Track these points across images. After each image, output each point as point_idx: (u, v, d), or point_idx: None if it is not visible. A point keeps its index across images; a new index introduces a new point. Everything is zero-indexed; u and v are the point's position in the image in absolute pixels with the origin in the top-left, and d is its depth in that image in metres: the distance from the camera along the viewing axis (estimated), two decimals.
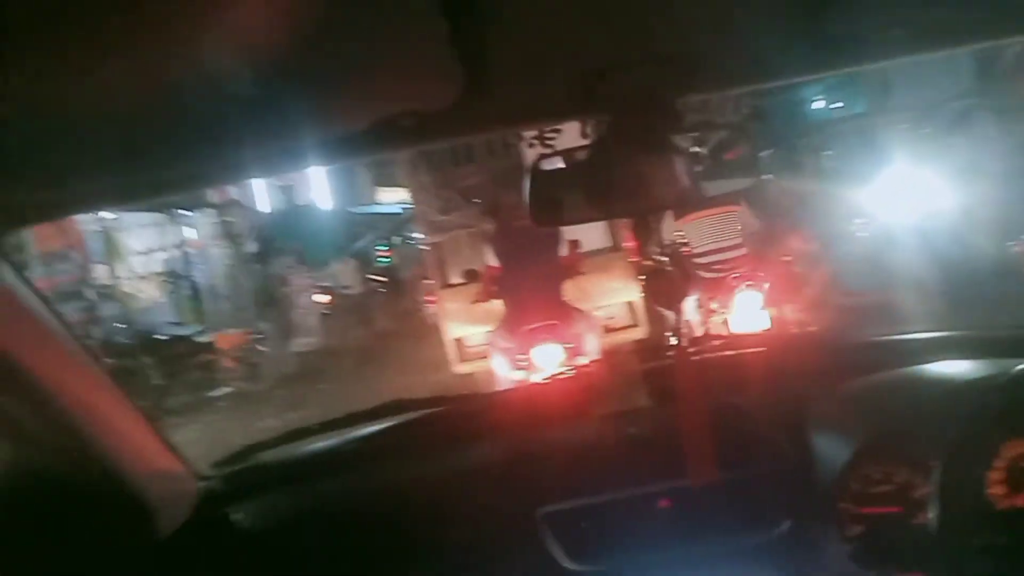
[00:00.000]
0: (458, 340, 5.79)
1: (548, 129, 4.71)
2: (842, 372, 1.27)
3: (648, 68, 0.79)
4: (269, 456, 1.49)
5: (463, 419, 1.49)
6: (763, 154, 8.90)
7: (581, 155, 0.99)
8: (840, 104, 13.52)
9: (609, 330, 5.11)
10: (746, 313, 4.17)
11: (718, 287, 4.23)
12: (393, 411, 1.52)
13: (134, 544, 1.09)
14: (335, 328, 11.07)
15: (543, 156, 1.07)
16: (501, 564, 1.14)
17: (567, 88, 0.83)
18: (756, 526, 1.12)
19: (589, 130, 1.07)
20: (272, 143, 0.83)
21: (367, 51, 0.67)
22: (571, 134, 4.71)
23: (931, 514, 0.82)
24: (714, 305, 4.20)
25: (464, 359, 5.75)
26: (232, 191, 14.20)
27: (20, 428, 0.92)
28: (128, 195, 0.94)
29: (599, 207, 0.97)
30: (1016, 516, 0.99)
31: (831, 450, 1.10)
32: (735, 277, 4.25)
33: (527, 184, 1.01)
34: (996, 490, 0.99)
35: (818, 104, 16.43)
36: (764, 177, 7.51)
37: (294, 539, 1.24)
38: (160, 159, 0.79)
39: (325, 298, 11.11)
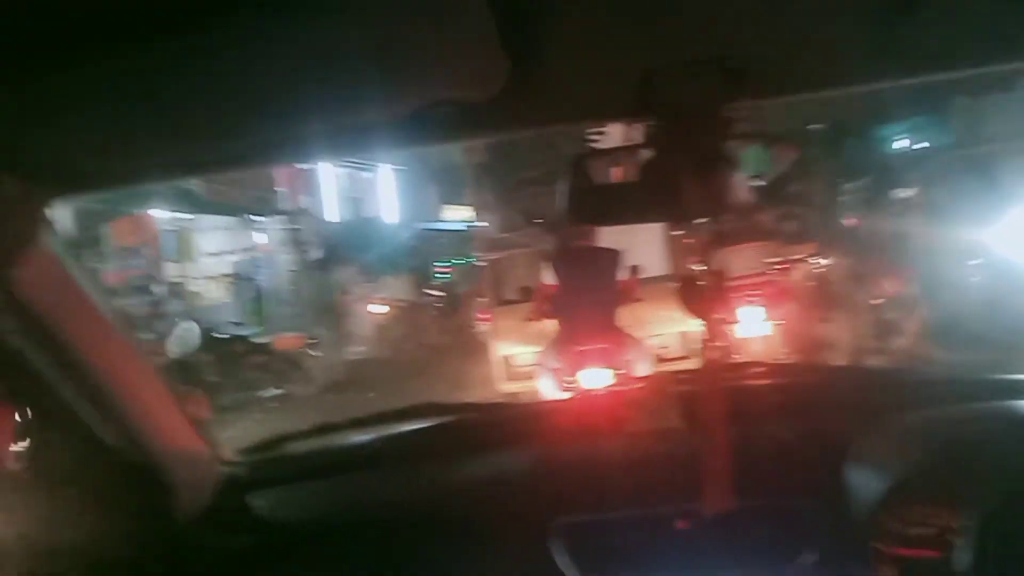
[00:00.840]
0: (507, 358, 5.71)
1: (593, 130, 4.69)
2: (885, 407, 1.22)
3: (699, 73, 0.76)
4: (295, 448, 1.49)
5: (491, 426, 1.49)
6: (837, 189, 8.78)
7: (624, 155, 0.97)
8: (925, 143, 13.17)
9: (661, 360, 4.91)
10: (749, 324, 5.30)
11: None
12: (424, 413, 1.52)
13: (151, 521, 1.09)
14: (388, 339, 11.15)
15: (586, 152, 1.02)
16: (512, 572, 1.12)
17: (615, 88, 0.80)
18: (778, 558, 1.07)
19: (635, 133, 1.00)
20: (313, 126, 0.81)
21: (409, 33, 0.65)
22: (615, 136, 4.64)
23: (970, 562, 0.77)
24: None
25: (511, 378, 5.67)
26: (303, 200, 14.63)
27: (49, 392, 0.93)
28: (174, 170, 0.94)
29: (637, 210, 0.95)
30: None
31: (868, 486, 1.05)
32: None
33: (567, 178, 0.96)
34: None
35: (901, 143, 15.99)
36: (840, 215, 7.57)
37: (311, 532, 1.24)
38: (205, 134, 0.79)
39: (382, 309, 11.18)
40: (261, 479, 1.33)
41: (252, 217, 13.75)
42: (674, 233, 6.43)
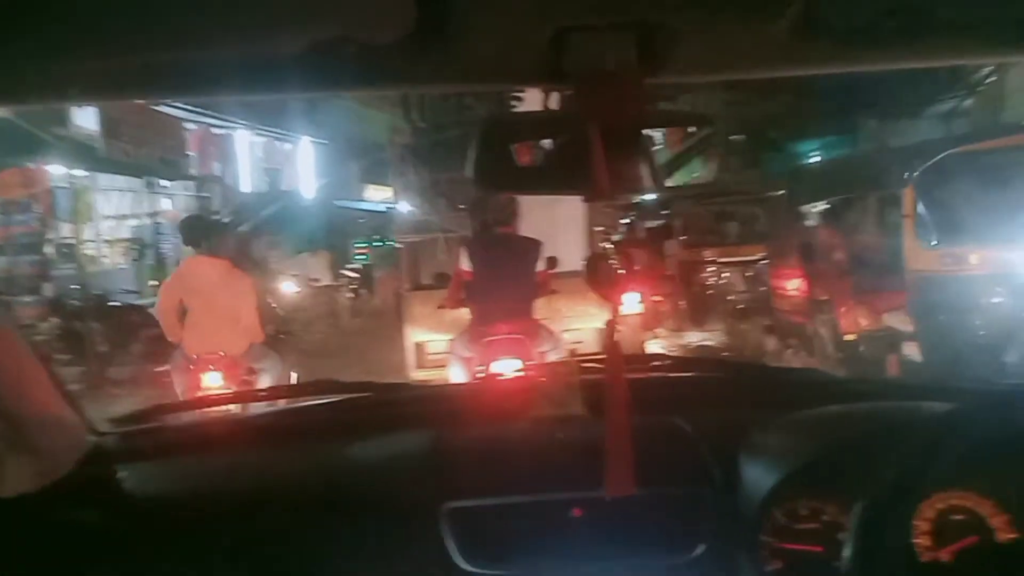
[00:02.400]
0: (419, 345, 5.58)
1: (511, 92, 4.63)
2: (779, 404, 1.27)
3: (615, 38, 0.73)
4: (172, 420, 1.44)
5: (388, 406, 1.46)
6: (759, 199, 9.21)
7: (538, 123, 0.93)
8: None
9: (575, 354, 4.88)
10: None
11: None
12: (319, 390, 1.49)
13: (12, 484, 1.05)
14: (299, 319, 10.76)
15: (498, 117, 0.95)
16: (396, 556, 1.08)
17: (528, 49, 0.76)
18: (669, 548, 1.07)
19: (552, 99, 0.96)
20: (206, 53, 0.76)
21: None
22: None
23: (852, 557, 0.77)
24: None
25: (422, 365, 5.55)
26: (214, 167, 13.96)
27: None
28: (50, 89, 0.87)
29: (546, 181, 0.94)
30: (938, 570, 0.96)
31: (759, 480, 1.07)
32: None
33: (475, 142, 0.91)
34: (922, 540, 0.98)
35: (814, 158, 16.80)
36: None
37: (185, 508, 1.18)
38: (87, 55, 0.74)
39: (293, 288, 10.75)
40: (134, 451, 1.28)
41: (158, 180, 13.02)
42: (596, 229, 6.43)
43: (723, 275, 8.71)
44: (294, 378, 5.28)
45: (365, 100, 18.15)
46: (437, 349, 5.35)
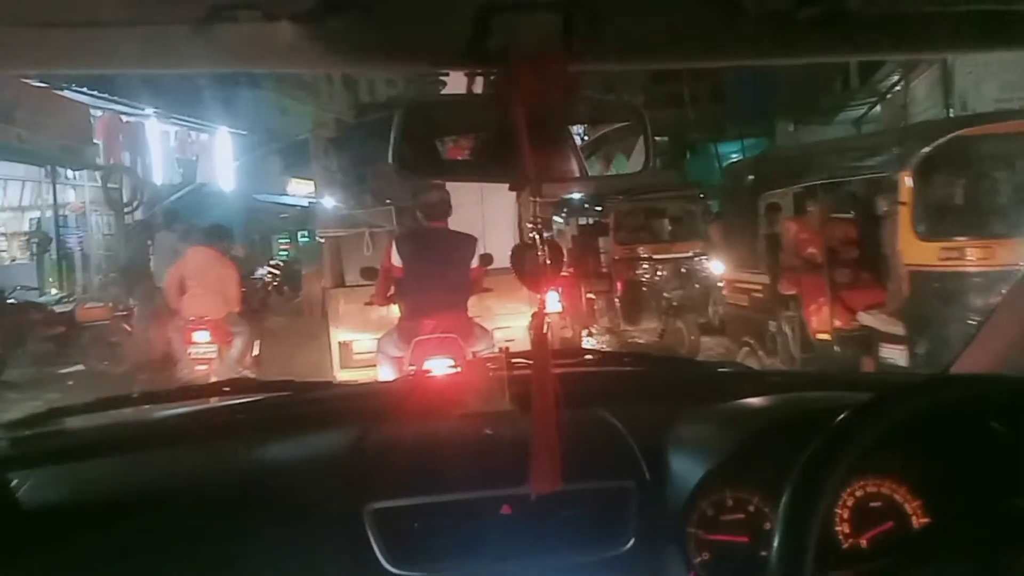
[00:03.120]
0: (344, 344, 5.39)
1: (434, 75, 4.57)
2: (705, 397, 1.29)
3: (540, 18, 0.71)
4: (75, 423, 1.39)
5: (308, 405, 1.43)
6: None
7: (461, 107, 0.91)
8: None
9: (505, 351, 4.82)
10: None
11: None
12: (235, 389, 1.47)
13: None
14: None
15: (421, 100, 1.02)
16: (318, 558, 1.04)
17: (453, 28, 0.72)
18: (598, 542, 1.07)
19: (476, 85, 0.93)
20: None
21: None
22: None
23: (777, 547, 0.77)
24: None
25: (347, 365, 5.38)
26: (124, 156, 13.19)
27: None
28: None
29: (469, 168, 0.93)
30: (858, 556, 1.00)
31: (685, 473, 1.09)
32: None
33: (396, 125, 0.88)
34: (842, 528, 1.01)
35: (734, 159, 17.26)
36: None
37: (83, 512, 1.11)
38: None
39: None
40: (30, 456, 1.22)
41: (60, 170, 12.22)
42: (528, 225, 6.35)
43: (658, 272, 8.67)
44: (258, 347, 6.55)
45: (286, 90, 17.56)
46: (364, 348, 5.19)
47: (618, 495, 1.09)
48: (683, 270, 8.61)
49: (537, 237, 0.94)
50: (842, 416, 0.83)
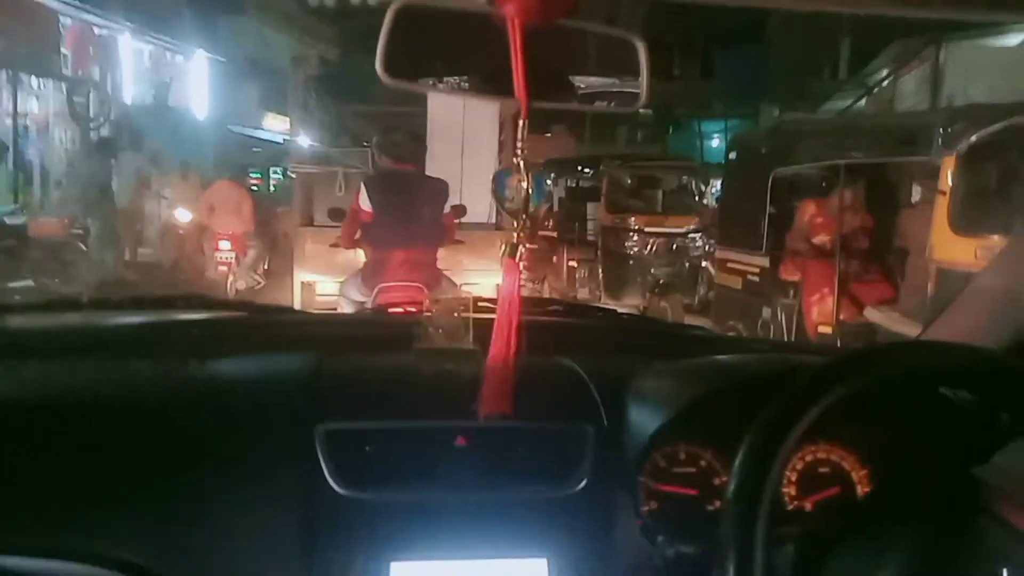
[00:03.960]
0: (307, 285, 5.28)
1: None
2: (667, 353, 1.30)
3: None
4: (20, 321, 1.38)
5: (263, 328, 1.40)
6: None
7: (456, 16, 0.90)
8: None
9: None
10: None
11: None
12: (190, 305, 1.45)
13: None
14: (177, 246, 10.01)
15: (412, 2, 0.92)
16: (267, 475, 1.03)
17: None
18: (550, 480, 1.08)
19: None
20: None
21: None
22: None
23: (726, 502, 0.79)
24: None
25: (309, 306, 5.27)
26: (93, 70, 12.65)
27: None
28: None
29: (460, 80, 0.94)
30: (801, 517, 1.03)
31: (642, 423, 1.11)
32: None
33: (386, 26, 0.86)
34: (789, 490, 1.04)
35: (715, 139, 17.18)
36: None
37: (23, 411, 1.08)
38: None
39: (178, 213, 9.93)
40: None
41: (24, 77, 11.66)
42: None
43: (648, 246, 8.14)
44: (267, 262, 8.62)
45: (270, 21, 16.96)
46: (327, 291, 5.09)
47: (575, 437, 1.09)
48: (674, 247, 8.14)
49: (522, 163, 0.91)
50: (803, 376, 0.81)
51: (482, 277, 5.02)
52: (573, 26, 0.88)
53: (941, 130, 4.16)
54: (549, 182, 10.05)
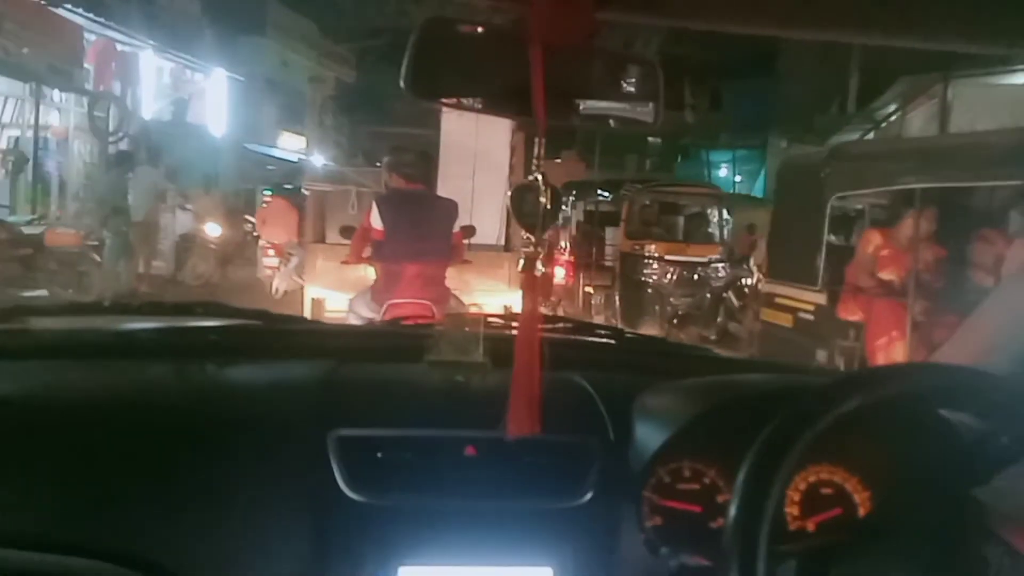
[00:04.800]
0: (317, 301, 5.34)
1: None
2: (676, 372, 1.31)
3: None
4: (42, 323, 1.38)
5: (279, 336, 1.43)
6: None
7: (481, 36, 0.91)
8: (738, 176, 14.33)
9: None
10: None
11: None
12: (207, 312, 1.47)
13: None
14: (192, 261, 10.13)
15: (437, 18, 0.96)
16: (280, 480, 1.05)
17: None
18: (557, 492, 1.09)
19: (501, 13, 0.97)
20: None
21: None
22: None
23: (730, 520, 0.80)
24: None
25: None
26: (114, 85, 12.89)
27: None
28: None
29: (480, 98, 0.95)
30: (803, 538, 1.03)
31: (647, 439, 1.11)
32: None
33: (412, 43, 0.89)
34: (791, 510, 1.04)
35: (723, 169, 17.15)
36: None
37: (43, 412, 1.10)
38: None
39: (212, 230, 10.28)
40: None
41: (46, 91, 11.89)
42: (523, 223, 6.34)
43: (668, 274, 7.69)
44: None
45: (289, 41, 17.24)
46: (337, 307, 5.14)
47: (581, 450, 1.11)
48: (696, 276, 7.68)
49: (540, 178, 0.94)
50: (807, 395, 0.83)
51: (490, 297, 5.08)
52: (592, 48, 0.90)
53: None
54: (567, 207, 9.61)
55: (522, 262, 0.98)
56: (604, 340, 1.73)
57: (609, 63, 0.99)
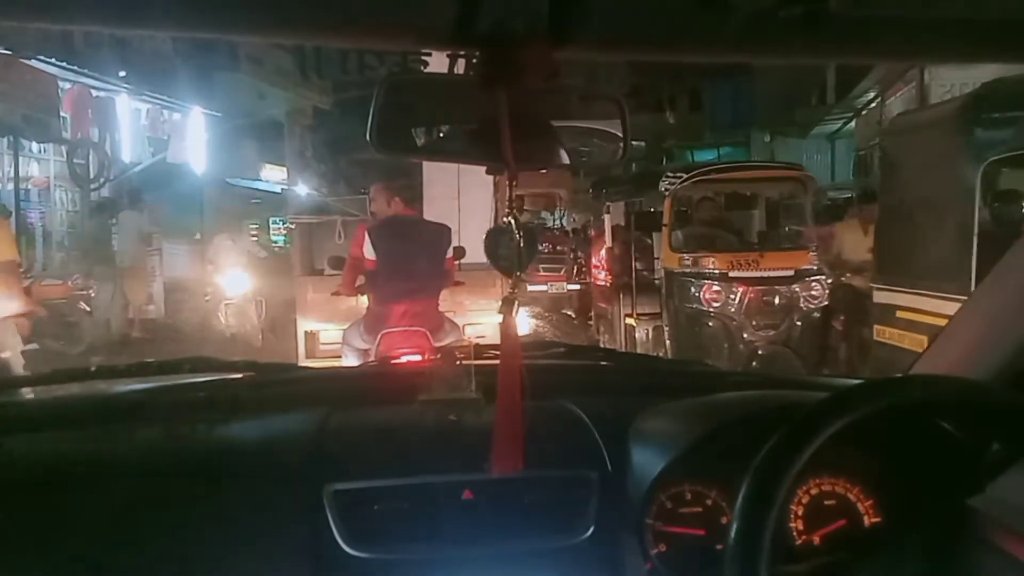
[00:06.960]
0: (311, 334, 5.29)
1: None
2: (667, 392, 1.31)
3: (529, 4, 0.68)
4: (29, 394, 1.40)
5: (270, 387, 1.42)
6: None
7: (442, 86, 0.91)
8: None
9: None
10: None
11: None
12: (196, 368, 1.46)
13: None
14: (180, 301, 10.05)
15: (398, 75, 1.02)
16: (277, 537, 1.04)
17: (439, 7, 0.69)
18: (558, 529, 1.08)
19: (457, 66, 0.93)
20: None
21: None
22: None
23: (733, 540, 0.79)
24: None
25: (313, 355, 5.31)
26: (92, 132, 12.83)
27: None
28: None
29: (448, 148, 0.95)
30: (810, 552, 1.03)
31: (646, 465, 1.10)
32: None
33: (376, 99, 0.87)
34: (796, 524, 1.04)
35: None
36: None
37: (36, 485, 1.09)
38: None
39: (181, 266, 10.04)
40: None
41: (24, 142, 11.84)
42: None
43: (734, 299, 5.29)
44: None
45: (264, 75, 17.24)
46: (331, 339, 5.11)
47: (580, 484, 1.10)
48: (778, 299, 5.27)
49: (513, 221, 0.93)
50: (800, 413, 0.83)
51: (484, 316, 5.03)
52: (556, 88, 0.89)
53: None
54: (605, 211, 7.26)
55: (499, 303, 0.96)
56: (595, 363, 1.73)
57: (575, 103, 0.97)
